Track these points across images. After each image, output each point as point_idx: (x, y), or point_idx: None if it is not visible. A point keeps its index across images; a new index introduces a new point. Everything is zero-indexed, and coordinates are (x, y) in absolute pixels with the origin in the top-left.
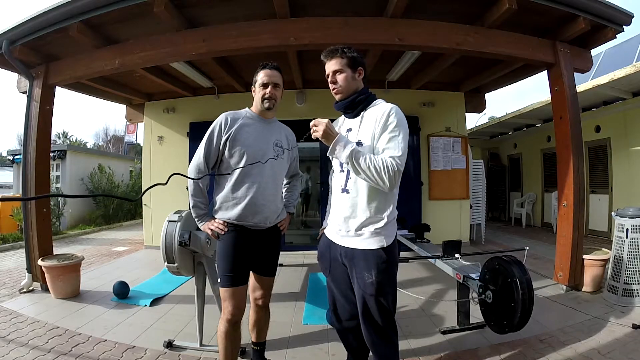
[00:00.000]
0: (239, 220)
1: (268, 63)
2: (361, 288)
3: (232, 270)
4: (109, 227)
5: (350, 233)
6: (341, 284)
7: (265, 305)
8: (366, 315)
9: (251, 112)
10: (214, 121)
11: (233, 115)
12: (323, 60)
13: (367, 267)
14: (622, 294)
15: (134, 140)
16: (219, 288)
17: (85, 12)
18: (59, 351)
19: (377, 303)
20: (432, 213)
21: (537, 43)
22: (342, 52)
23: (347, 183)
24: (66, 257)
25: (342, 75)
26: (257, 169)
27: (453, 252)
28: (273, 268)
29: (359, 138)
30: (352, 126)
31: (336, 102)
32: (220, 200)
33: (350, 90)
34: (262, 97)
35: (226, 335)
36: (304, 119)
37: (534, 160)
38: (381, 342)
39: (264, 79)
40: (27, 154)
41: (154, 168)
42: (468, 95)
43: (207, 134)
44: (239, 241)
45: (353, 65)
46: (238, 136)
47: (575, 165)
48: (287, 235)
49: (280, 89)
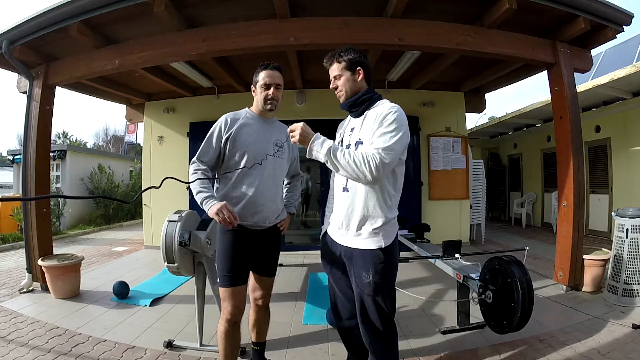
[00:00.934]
0: (243, 222)
1: (269, 63)
2: (359, 287)
3: (231, 270)
4: (109, 227)
5: (350, 232)
6: (342, 283)
7: (265, 305)
8: (364, 315)
9: (251, 112)
10: (214, 121)
11: (233, 116)
12: (325, 67)
13: (364, 267)
14: (622, 294)
15: (134, 140)
16: (219, 288)
17: (85, 12)
18: (59, 351)
19: (375, 303)
20: (432, 213)
21: (537, 43)
22: (339, 56)
23: (348, 182)
24: (66, 257)
25: (341, 80)
26: (257, 169)
27: (453, 252)
28: (273, 268)
29: (360, 137)
30: (355, 125)
31: (341, 103)
32: (220, 200)
33: (352, 92)
34: (265, 99)
35: (226, 335)
36: (304, 119)
37: (534, 160)
38: (378, 342)
39: (266, 79)
40: (27, 154)
41: (154, 168)
42: (468, 95)
43: (208, 134)
44: (238, 241)
45: (350, 67)
46: (238, 136)
47: (575, 165)
48: (287, 235)
49: (282, 90)
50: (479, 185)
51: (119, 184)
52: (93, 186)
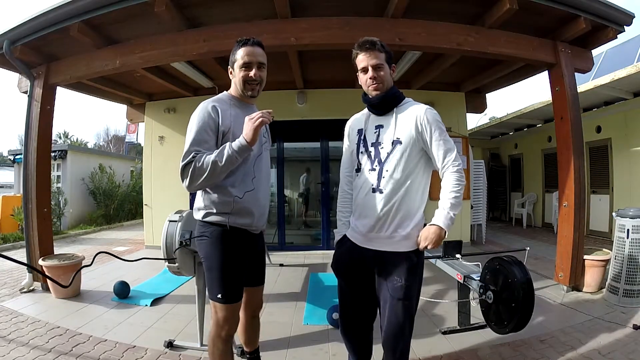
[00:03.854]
0: (244, 225)
1: (248, 39)
2: (389, 291)
3: (231, 284)
4: (110, 227)
5: (382, 235)
6: (361, 289)
7: (258, 315)
8: (390, 319)
9: (235, 99)
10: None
11: (219, 103)
12: (356, 51)
13: (397, 270)
14: (623, 294)
15: (134, 140)
16: (215, 304)
17: (86, 12)
18: (60, 351)
19: (404, 307)
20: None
21: (537, 43)
22: (382, 46)
23: (381, 182)
24: (67, 257)
25: (383, 71)
26: (255, 165)
27: (454, 252)
28: (264, 275)
29: (397, 136)
30: (384, 123)
31: (366, 96)
32: (218, 202)
33: (387, 87)
34: (244, 81)
35: (223, 356)
36: (304, 119)
37: (534, 161)
38: (398, 345)
39: (246, 57)
40: (28, 153)
41: (155, 168)
42: (469, 95)
43: (196, 124)
44: (236, 250)
45: (389, 61)
46: (237, 131)
47: (576, 165)
48: (288, 235)
49: (265, 70)
50: (479, 185)
51: (119, 184)
52: (94, 186)
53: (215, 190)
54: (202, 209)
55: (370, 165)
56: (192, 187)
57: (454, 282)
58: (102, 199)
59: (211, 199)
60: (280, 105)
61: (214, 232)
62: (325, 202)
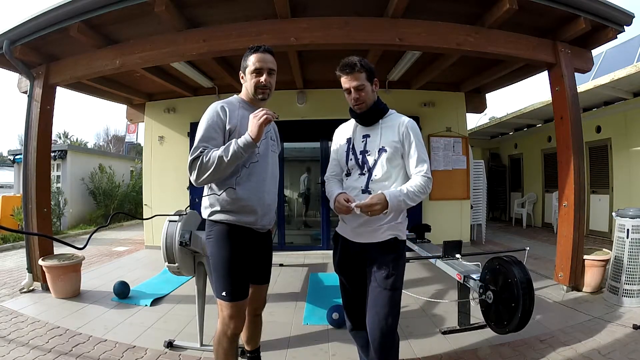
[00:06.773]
0: (247, 223)
1: (260, 46)
2: (376, 281)
3: (238, 281)
4: (110, 227)
5: (369, 229)
6: (355, 282)
7: (261, 314)
8: (376, 310)
9: (244, 101)
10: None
11: (228, 105)
12: (339, 74)
13: (383, 259)
14: (623, 294)
15: (134, 140)
16: (222, 302)
17: (86, 12)
18: (60, 351)
19: (391, 298)
20: (432, 213)
21: (537, 43)
22: (361, 65)
23: (369, 185)
24: (66, 257)
25: (364, 91)
26: (262, 166)
27: (453, 252)
28: (269, 274)
29: (382, 145)
30: (370, 133)
31: (353, 111)
32: (222, 200)
33: (370, 103)
34: (256, 87)
35: (227, 354)
36: (304, 119)
37: (534, 161)
38: (387, 338)
39: (257, 64)
40: (27, 153)
41: (155, 168)
42: (468, 95)
43: (205, 123)
44: (242, 248)
45: (370, 78)
46: (243, 131)
47: (576, 165)
48: (288, 236)
49: (275, 76)
50: (479, 185)
51: (119, 184)
52: (94, 186)
53: (219, 188)
54: (207, 208)
55: (359, 170)
56: (199, 181)
57: (453, 282)
58: (102, 199)
59: (216, 197)
60: (280, 105)
61: (219, 230)
62: (325, 202)
